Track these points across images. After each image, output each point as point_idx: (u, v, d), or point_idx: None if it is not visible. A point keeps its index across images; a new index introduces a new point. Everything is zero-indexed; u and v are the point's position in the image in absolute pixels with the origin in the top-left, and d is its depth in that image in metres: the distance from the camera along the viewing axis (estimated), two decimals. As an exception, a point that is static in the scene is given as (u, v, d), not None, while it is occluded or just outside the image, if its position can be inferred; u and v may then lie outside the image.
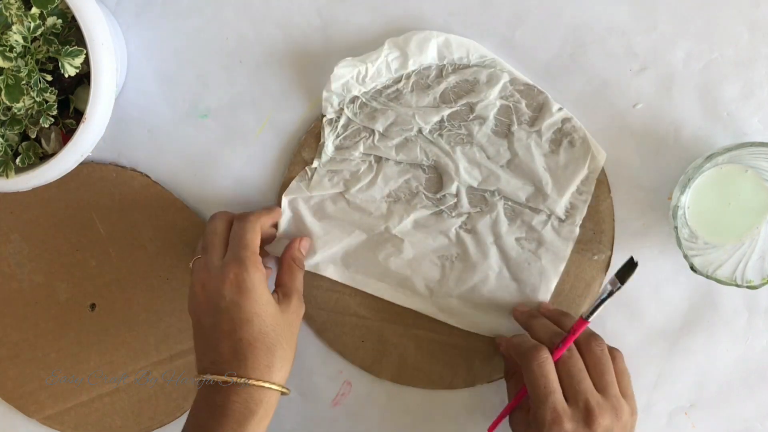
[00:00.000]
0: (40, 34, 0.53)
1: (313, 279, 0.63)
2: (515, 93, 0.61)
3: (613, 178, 0.62)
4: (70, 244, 0.63)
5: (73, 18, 0.53)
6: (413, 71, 0.61)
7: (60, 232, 0.63)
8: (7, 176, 0.55)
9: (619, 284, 0.55)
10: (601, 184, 0.62)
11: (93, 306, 0.64)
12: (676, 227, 0.57)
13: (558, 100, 0.61)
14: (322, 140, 0.62)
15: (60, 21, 0.53)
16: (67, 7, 0.53)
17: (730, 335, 0.64)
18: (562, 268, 0.62)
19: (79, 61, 0.53)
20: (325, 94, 0.61)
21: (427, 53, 0.60)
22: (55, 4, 0.52)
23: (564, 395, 0.54)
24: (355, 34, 0.62)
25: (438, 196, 0.62)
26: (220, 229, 0.57)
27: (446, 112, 0.61)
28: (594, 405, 0.53)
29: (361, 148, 0.61)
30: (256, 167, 0.63)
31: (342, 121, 0.61)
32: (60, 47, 0.53)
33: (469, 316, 0.62)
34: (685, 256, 0.58)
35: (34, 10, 0.52)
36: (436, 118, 0.61)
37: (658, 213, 0.62)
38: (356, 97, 0.61)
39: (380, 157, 0.62)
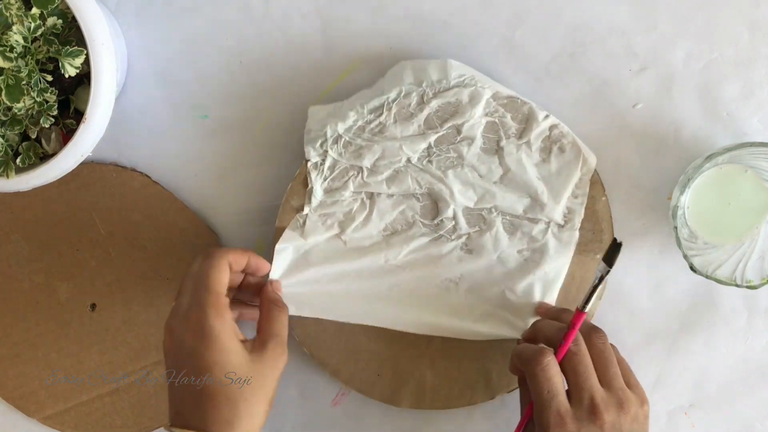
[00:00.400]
0: (41, 35, 0.53)
1: (318, 323, 0.62)
2: (499, 108, 0.60)
3: (613, 178, 0.62)
4: (70, 244, 0.63)
5: (74, 18, 0.53)
6: (394, 101, 0.60)
7: (60, 232, 0.63)
8: (7, 176, 0.55)
9: (607, 268, 0.55)
10: (595, 184, 0.61)
11: (93, 306, 0.64)
12: (675, 227, 0.58)
13: (558, 100, 0.62)
14: (309, 185, 0.61)
15: (60, 21, 0.53)
16: (68, 8, 0.53)
17: (729, 335, 0.64)
18: (564, 272, 0.61)
19: (79, 61, 0.53)
20: (306, 136, 0.60)
21: (404, 78, 0.59)
22: (56, 5, 0.52)
23: (568, 393, 0.54)
24: (355, 34, 0.62)
25: (435, 222, 0.61)
26: (195, 270, 0.53)
27: (433, 137, 0.60)
28: (599, 401, 0.53)
29: (351, 187, 0.60)
30: (256, 167, 0.63)
31: (328, 163, 0.60)
32: (60, 47, 0.53)
33: (483, 334, 0.61)
34: (685, 256, 0.58)
35: (35, 11, 0.52)
36: (423, 146, 0.60)
37: (658, 213, 0.63)
38: (340, 136, 0.60)
39: (372, 193, 0.61)
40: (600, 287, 0.56)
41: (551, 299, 0.61)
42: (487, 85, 0.60)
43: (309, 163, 0.60)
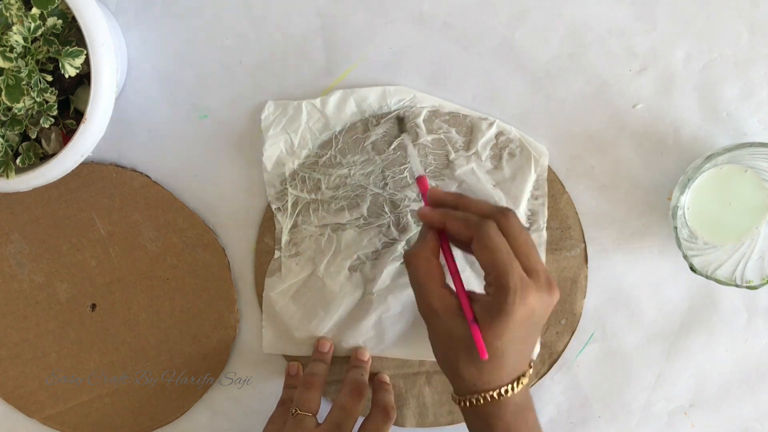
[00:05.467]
0: (41, 35, 0.53)
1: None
2: (442, 124, 0.61)
3: (613, 178, 0.62)
4: (70, 244, 0.63)
5: (74, 18, 0.53)
6: (341, 132, 0.61)
7: (60, 232, 0.63)
8: (7, 176, 0.55)
9: (404, 134, 0.60)
10: (554, 182, 0.62)
11: (93, 306, 0.64)
12: (675, 227, 0.58)
13: (558, 101, 0.62)
14: (278, 228, 0.62)
15: (60, 21, 0.53)
16: (68, 8, 0.53)
17: (729, 335, 0.64)
18: None
19: (79, 61, 0.53)
20: (265, 176, 0.62)
21: (347, 111, 0.61)
22: (56, 5, 0.52)
23: None
24: (355, 34, 0.62)
25: (402, 244, 0.62)
26: (356, 412, 0.57)
27: (384, 161, 0.61)
28: (552, 277, 0.51)
29: (316, 221, 0.62)
30: (256, 167, 0.63)
31: (291, 201, 0.62)
32: (60, 47, 0.53)
33: None
34: (685, 257, 0.58)
35: (35, 11, 0.52)
36: (375, 170, 0.61)
37: (658, 213, 0.63)
38: (296, 173, 0.62)
39: (336, 226, 0.62)
40: (411, 149, 0.59)
41: None
42: (426, 103, 0.61)
43: (273, 207, 0.62)
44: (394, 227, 0.62)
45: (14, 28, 0.52)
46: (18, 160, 0.56)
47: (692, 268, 0.58)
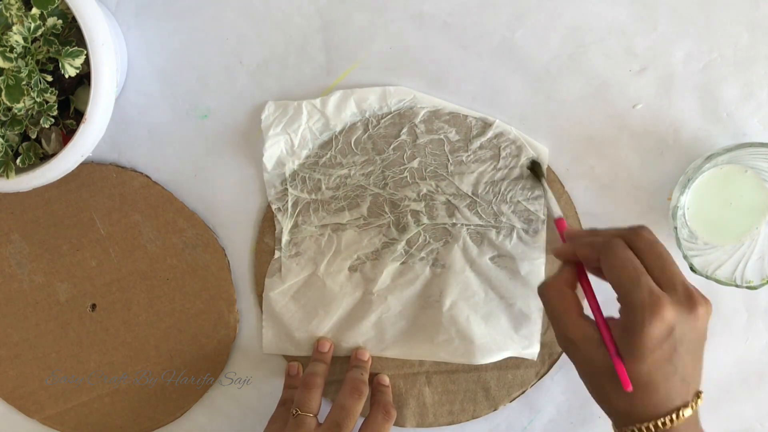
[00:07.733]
0: (41, 35, 0.53)
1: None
2: (443, 125, 0.61)
3: (613, 178, 0.62)
4: (70, 244, 0.63)
5: (74, 18, 0.53)
6: (341, 132, 0.62)
7: (60, 232, 0.63)
8: (7, 176, 0.55)
9: (542, 181, 0.60)
10: (554, 182, 0.62)
11: (93, 306, 0.64)
12: (675, 227, 0.58)
13: (558, 101, 0.62)
14: (278, 228, 0.62)
15: (60, 21, 0.53)
16: (68, 8, 0.53)
17: (730, 335, 0.64)
18: (542, 272, 0.62)
19: (79, 61, 0.53)
20: (265, 176, 0.62)
21: (347, 111, 0.61)
22: (56, 5, 0.52)
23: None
24: (355, 34, 0.62)
25: (402, 244, 0.62)
26: (356, 412, 0.57)
27: (384, 162, 0.61)
28: (693, 288, 0.48)
29: (316, 221, 0.62)
30: (256, 167, 0.63)
31: (290, 201, 0.62)
32: (60, 48, 0.53)
33: (475, 349, 0.62)
34: (685, 257, 0.58)
35: (35, 11, 0.52)
36: (376, 170, 0.62)
37: (658, 213, 0.63)
38: (296, 173, 0.62)
39: (336, 226, 0.62)
40: (549, 193, 0.60)
41: (537, 299, 0.61)
42: (426, 104, 0.61)
43: (273, 207, 0.62)
44: (394, 227, 0.62)
45: (14, 28, 0.52)
46: (18, 160, 0.56)
47: (692, 268, 0.58)
